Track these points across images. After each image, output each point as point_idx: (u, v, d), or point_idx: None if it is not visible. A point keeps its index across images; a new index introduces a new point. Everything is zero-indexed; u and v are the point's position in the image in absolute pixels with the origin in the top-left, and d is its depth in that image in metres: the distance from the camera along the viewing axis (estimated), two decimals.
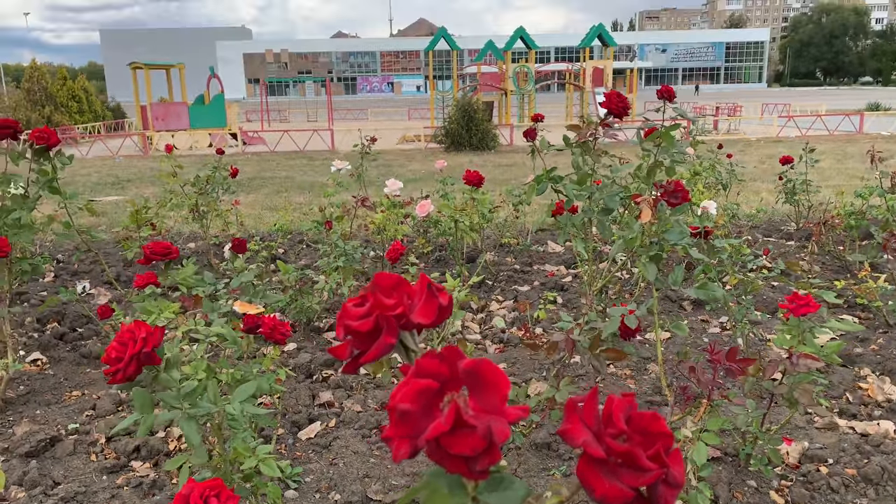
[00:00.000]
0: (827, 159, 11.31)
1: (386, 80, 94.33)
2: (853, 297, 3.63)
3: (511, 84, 26.41)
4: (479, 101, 16.11)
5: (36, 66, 22.21)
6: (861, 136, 16.63)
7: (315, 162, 13.06)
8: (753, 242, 4.94)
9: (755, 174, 9.61)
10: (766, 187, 8.15)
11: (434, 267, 4.68)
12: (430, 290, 0.54)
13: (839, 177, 9.04)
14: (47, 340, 3.38)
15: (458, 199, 4.33)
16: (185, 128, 18.67)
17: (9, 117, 13.26)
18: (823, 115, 19.53)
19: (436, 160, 13.58)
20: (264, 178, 10.39)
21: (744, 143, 15.54)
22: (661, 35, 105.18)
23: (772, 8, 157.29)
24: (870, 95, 51.63)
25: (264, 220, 6.42)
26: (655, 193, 2.14)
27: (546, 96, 44.00)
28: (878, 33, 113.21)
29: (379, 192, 7.22)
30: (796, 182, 5.00)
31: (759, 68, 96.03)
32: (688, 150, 4.24)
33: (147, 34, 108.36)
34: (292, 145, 16.91)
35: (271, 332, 1.84)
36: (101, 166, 12.96)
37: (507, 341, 3.37)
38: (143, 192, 8.92)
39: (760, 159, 11.57)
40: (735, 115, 21.03)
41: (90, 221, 6.26)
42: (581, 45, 27.14)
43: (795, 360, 1.70)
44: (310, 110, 37.70)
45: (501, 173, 11.00)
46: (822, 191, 7.72)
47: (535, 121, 4.84)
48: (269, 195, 8.42)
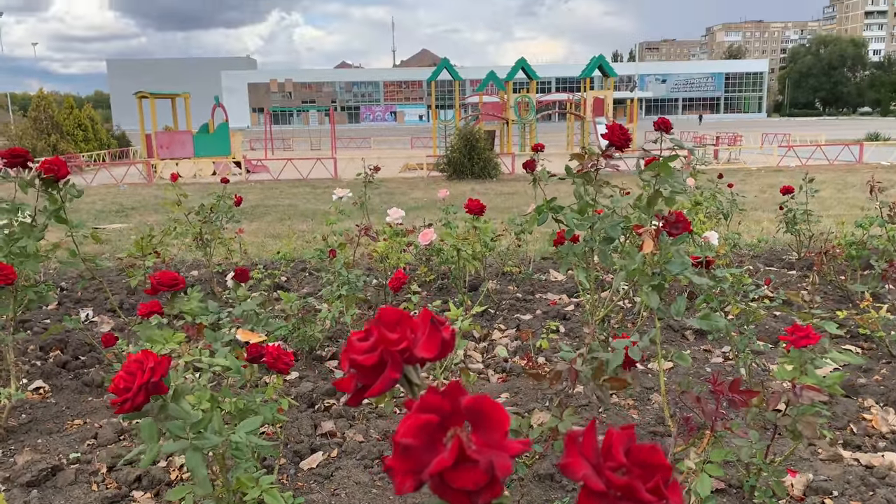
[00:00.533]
0: (828, 189, 11.36)
1: (389, 110, 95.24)
2: (856, 327, 3.63)
3: (512, 113, 26.67)
4: (480, 131, 16.26)
5: (43, 95, 22.49)
6: (861, 165, 16.72)
7: (318, 190, 13.14)
8: (755, 272, 4.95)
9: (756, 203, 9.65)
10: (768, 216, 8.18)
11: (436, 295, 4.69)
12: (433, 325, 0.55)
13: (840, 206, 9.07)
14: (50, 368, 3.38)
15: (460, 228, 4.36)
16: (190, 156, 18.82)
17: (15, 145, 13.38)
18: (823, 144, 19.66)
19: (438, 188, 13.69)
20: (267, 205, 10.45)
21: (744, 172, 15.63)
22: (660, 66, 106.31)
23: (770, 40, 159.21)
24: (869, 125, 51.95)
25: (267, 247, 6.45)
26: (656, 224, 2.16)
27: (547, 126, 44.36)
28: (875, 64, 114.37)
29: (381, 220, 7.26)
30: (797, 212, 5.03)
31: (758, 98, 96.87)
32: (688, 181, 4.27)
33: (153, 64, 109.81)
34: (296, 173, 17.02)
35: (275, 362, 1.85)
36: (105, 194, 13.04)
37: (510, 370, 3.37)
38: (147, 219, 8.97)
39: (761, 188, 11.63)
40: (735, 144, 21.17)
41: (94, 249, 6.29)
42: (582, 75, 27.45)
43: (798, 391, 1.71)
44: (313, 139, 38.00)
45: (503, 201, 11.06)
46: (823, 220, 7.76)
47: (536, 151, 4.89)
48: (273, 223, 8.46)
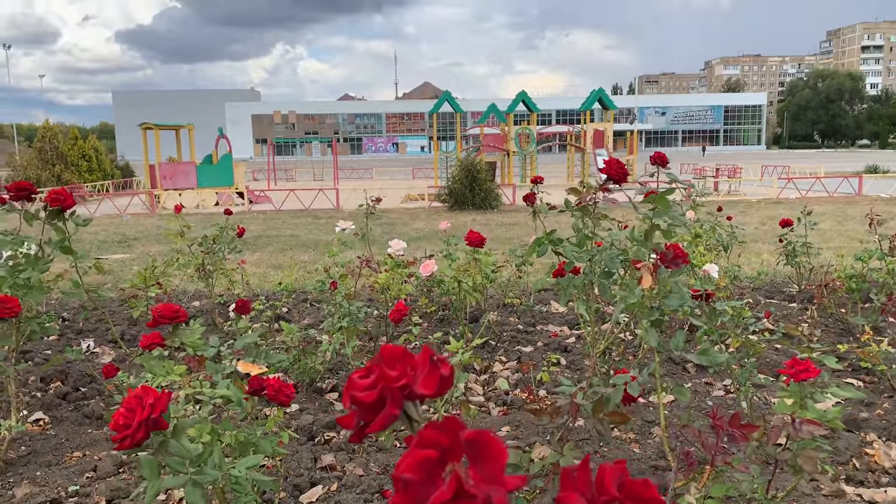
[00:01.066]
0: (828, 221, 11.40)
1: (391, 141, 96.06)
2: (857, 360, 3.62)
3: (513, 145, 26.90)
4: (482, 162, 16.39)
5: (48, 126, 22.74)
6: (861, 197, 16.80)
7: (320, 220, 13.21)
8: (755, 304, 4.96)
9: (756, 235, 9.68)
10: (768, 248, 8.20)
11: (437, 327, 4.69)
12: (433, 362, 0.57)
13: (840, 238, 9.10)
14: (50, 400, 3.37)
15: (461, 259, 4.38)
16: (193, 186, 18.95)
17: (20, 176, 13.57)
18: (823, 177, 19.78)
19: (439, 219, 13.73)
20: (270, 236, 10.49)
21: (744, 204, 15.71)
22: (660, 98, 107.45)
23: (768, 73, 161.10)
24: (867, 158, 52.26)
25: (269, 278, 6.47)
26: (654, 258, 2.18)
27: (548, 157, 44.71)
28: (873, 98, 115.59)
29: (383, 251, 7.29)
30: (796, 244, 5.05)
31: (757, 131, 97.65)
32: (688, 214, 4.30)
33: (158, 95, 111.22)
34: (298, 204, 17.13)
35: (276, 395, 1.86)
36: (108, 224, 13.11)
37: (511, 403, 3.36)
38: (150, 249, 9.00)
39: (761, 220, 11.68)
40: (735, 176, 21.31)
41: (96, 279, 6.31)
42: (582, 108, 27.73)
43: (798, 425, 1.70)
44: (316, 170, 38.28)
45: (504, 232, 11.10)
46: (823, 252, 7.77)
47: (535, 183, 4.94)
48: (274, 253, 8.50)
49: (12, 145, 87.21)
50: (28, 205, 2.78)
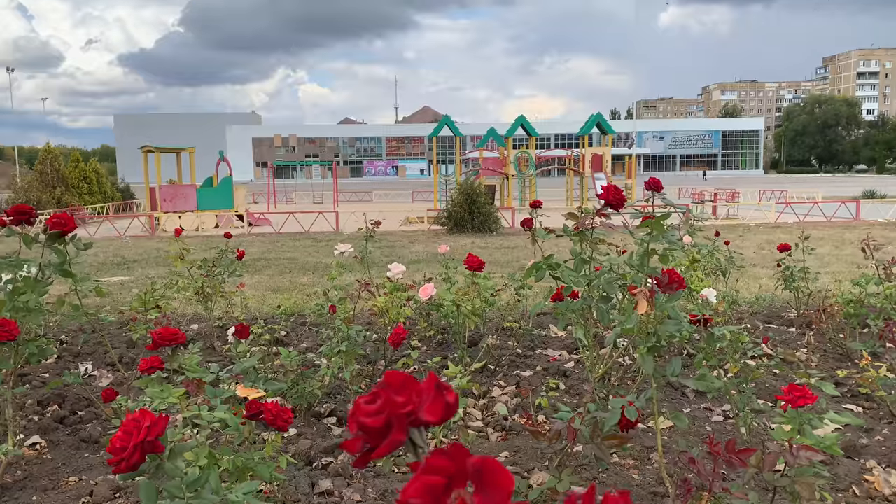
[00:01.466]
0: (826, 245, 11.44)
1: (391, 164, 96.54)
2: (856, 386, 3.62)
3: (512, 169, 27.04)
4: (481, 185, 16.47)
5: (50, 149, 22.85)
6: (858, 222, 16.87)
7: (320, 243, 13.23)
8: (754, 330, 4.96)
9: (755, 259, 9.71)
10: (766, 273, 8.22)
11: (436, 350, 4.68)
12: (438, 389, 0.58)
13: (838, 263, 9.13)
14: (47, 424, 3.36)
15: (460, 282, 4.39)
16: (193, 209, 19.01)
17: (20, 198, 13.61)
18: (820, 201, 19.87)
19: (438, 242, 13.74)
20: (269, 259, 10.50)
21: (743, 228, 15.76)
22: (658, 123, 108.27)
23: (765, 99, 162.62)
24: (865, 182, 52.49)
25: (268, 301, 6.47)
26: (650, 284, 2.19)
27: (547, 181, 44.92)
28: (869, 123, 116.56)
29: (382, 274, 7.29)
30: (794, 269, 5.07)
31: (755, 155, 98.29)
32: (685, 239, 4.33)
33: (159, 118, 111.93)
34: (297, 227, 17.17)
35: (274, 419, 1.86)
36: (107, 247, 13.11)
37: (510, 429, 3.35)
38: (149, 272, 9.01)
39: (759, 245, 11.71)
40: (733, 200, 21.41)
41: (95, 302, 6.30)
42: (580, 132, 27.94)
43: (795, 451, 1.71)
44: (316, 193, 38.41)
45: (503, 255, 11.13)
46: (821, 277, 7.79)
47: (534, 207, 4.97)
48: (274, 276, 8.50)
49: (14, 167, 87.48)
50: (28, 228, 2.80)
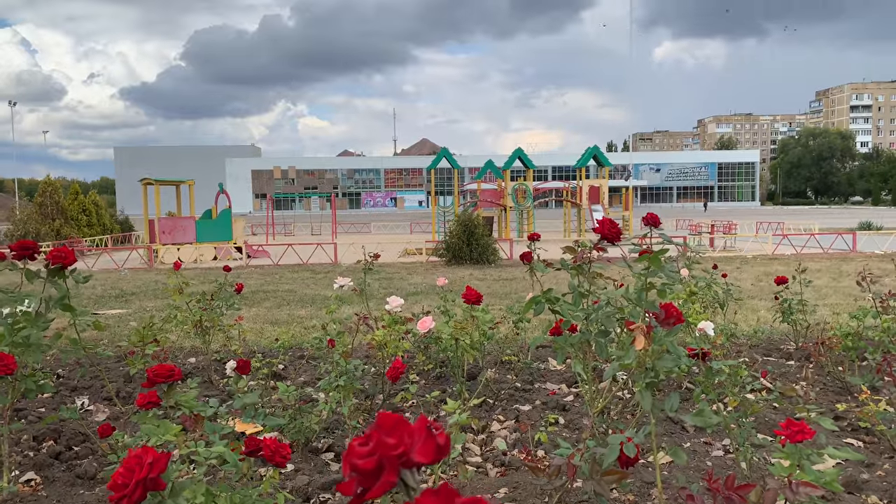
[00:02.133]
0: (823, 277, 11.46)
1: (389, 196, 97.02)
2: (856, 419, 3.60)
3: (510, 200, 27.19)
4: (479, 217, 16.53)
5: (49, 182, 22.98)
6: (856, 254, 16.92)
7: (318, 275, 13.23)
8: (753, 363, 4.94)
9: (752, 292, 9.71)
10: (764, 305, 8.22)
11: (434, 384, 4.67)
12: (429, 431, 0.59)
13: (836, 295, 9.13)
14: (42, 459, 3.33)
15: (458, 315, 4.39)
16: (192, 241, 19.05)
17: (19, 230, 13.63)
18: (817, 233, 19.95)
19: (437, 274, 13.71)
20: (267, 291, 10.50)
21: (740, 260, 15.79)
22: (655, 155, 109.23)
23: (759, 131, 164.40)
24: (861, 214, 52.70)
25: (266, 334, 6.45)
26: (648, 319, 2.20)
27: (544, 212, 45.11)
28: (864, 155, 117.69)
29: (380, 305, 7.28)
30: (792, 302, 5.08)
31: (751, 187, 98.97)
32: (682, 272, 4.34)
33: (159, 151, 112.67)
34: (296, 258, 17.19)
35: (272, 455, 1.85)
36: (105, 279, 13.10)
37: (509, 464, 3.32)
38: (147, 304, 8.99)
39: (757, 277, 11.73)
40: (730, 232, 21.49)
41: (93, 335, 6.29)
42: (577, 164, 28.16)
43: (795, 487, 1.70)
44: (314, 224, 38.54)
45: (502, 287, 11.12)
46: (819, 309, 7.79)
47: (532, 240, 4.98)
48: (272, 309, 8.49)
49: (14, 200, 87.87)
50: (30, 263, 2.81)
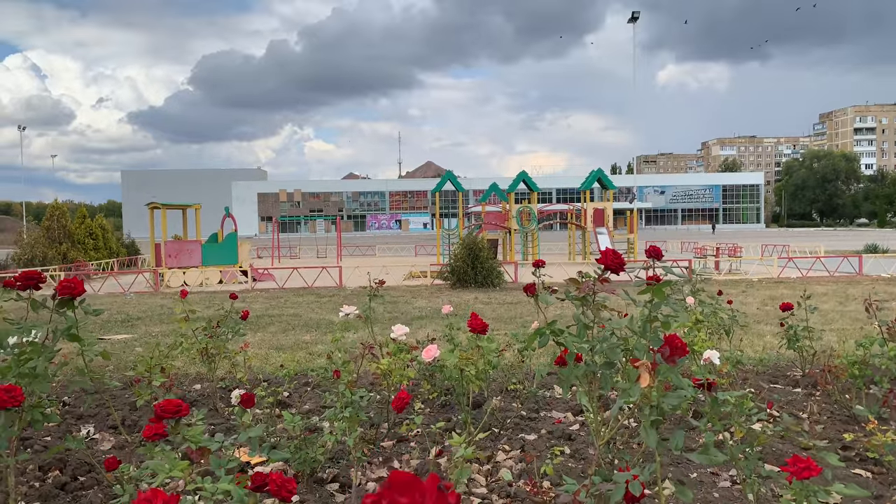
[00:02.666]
0: (829, 301, 11.41)
1: (394, 218, 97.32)
2: (864, 450, 3.58)
3: (515, 223, 27.24)
4: (483, 240, 16.56)
5: (57, 205, 23.13)
6: (862, 277, 16.86)
7: (323, 299, 13.24)
8: (759, 391, 4.92)
9: (758, 316, 9.68)
10: (770, 329, 8.18)
11: (439, 412, 4.65)
12: (441, 492, 0.61)
13: (843, 320, 9.09)
14: (48, 490, 3.32)
15: (463, 342, 4.39)
16: (197, 265, 19.12)
17: (26, 254, 13.73)
18: (823, 256, 19.89)
19: (441, 297, 13.65)
20: (272, 315, 10.51)
21: (746, 283, 15.75)
22: (659, 178, 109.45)
23: (763, 154, 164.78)
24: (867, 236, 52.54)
25: (271, 360, 6.45)
26: (653, 353, 2.21)
27: (549, 234, 45.10)
28: (869, 178, 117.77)
29: (385, 331, 7.28)
30: (798, 328, 5.06)
31: (756, 209, 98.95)
32: (688, 300, 4.34)
33: (166, 175, 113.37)
34: (301, 282, 17.22)
35: (279, 490, 1.85)
36: (111, 303, 13.14)
37: (515, 495, 3.30)
38: (153, 329, 9.01)
39: (763, 301, 11.69)
40: (735, 255, 21.45)
41: (99, 363, 6.30)
42: (581, 187, 28.24)
43: None
44: (319, 247, 38.65)
45: (507, 311, 11.10)
46: (825, 335, 7.75)
47: (536, 267, 4.97)
48: (277, 333, 8.50)
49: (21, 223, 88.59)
50: (35, 293, 2.84)
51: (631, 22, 41.74)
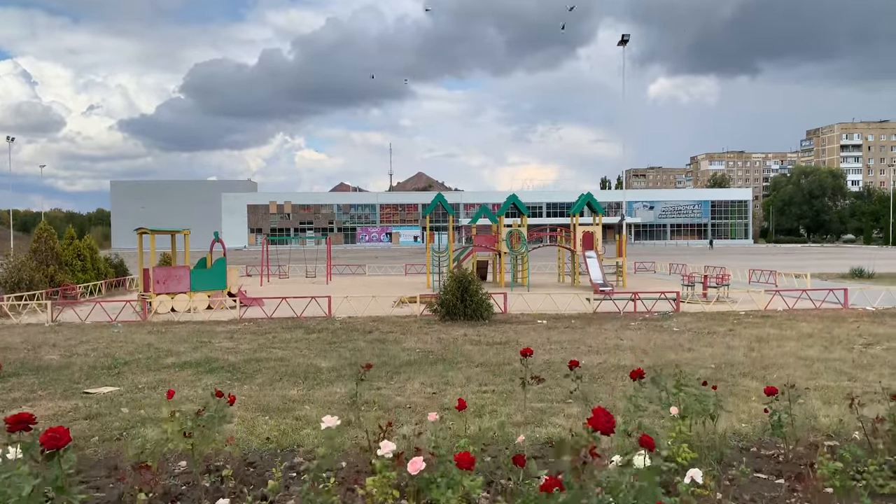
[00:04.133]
0: (815, 346, 11.50)
1: (384, 231, 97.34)
2: None
3: (504, 246, 27.33)
4: (472, 274, 16.57)
5: (45, 227, 22.99)
6: (847, 311, 17.01)
7: (311, 336, 13.20)
8: (739, 490, 4.91)
9: (745, 366, 9.74)
10: (756, 387, 8.21)
11: None
12: None
13: (827, 373, 9.16)
14: None
15: (452, 427, 4.39)
16: (186, 290, 19.05)
17: (13, 277, 13.73)
18: (809, 289, 20.06)
19: (431, 333, 13.57)
20: (260, 360, 10.48)
21: (733, 318, 15.85)
22: (648, 193, 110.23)
23: (752, 169, 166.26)
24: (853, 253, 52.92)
25: (258, 430, 6.41)
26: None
27: (539, 252, 45.16)
28: (855, 194, 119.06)
29: (369, 412, 7.27)
30: (781, 415, 5.11)
31: (744, 225, 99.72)
32: (672, 410, 4.38)
33: (155, 186, 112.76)
34: (290, 311, 17.18)
35: None
36: (98, 339, 13.07)
37: None
38: (140, 379, 8.97)
39: (749, 344, 11.75)
40: (723, 282, 21.62)
41: (82, 429, 6.26)
42: (572, 211, 28.40)
43: None
44: (309, 265, 38.55)
45: (496, 354, 11.09)
46: (810, 394, 7.82)
47: (524, 356, 5.00)
48: (264, 386, 8.47)
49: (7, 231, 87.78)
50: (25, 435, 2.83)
51: (621, 45, 42.13)
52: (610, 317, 16.55)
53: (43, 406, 7.42)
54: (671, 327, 14.39)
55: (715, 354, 10.78)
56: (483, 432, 5.82)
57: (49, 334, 13.91)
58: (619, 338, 12.78)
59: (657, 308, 17.89)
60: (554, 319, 15.97)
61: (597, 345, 11.96)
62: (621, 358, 10.49)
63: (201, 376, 9.16)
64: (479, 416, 6.77)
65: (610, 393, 7.94)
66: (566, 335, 13.20)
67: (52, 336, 13.59)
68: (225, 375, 9.18)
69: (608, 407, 6.39)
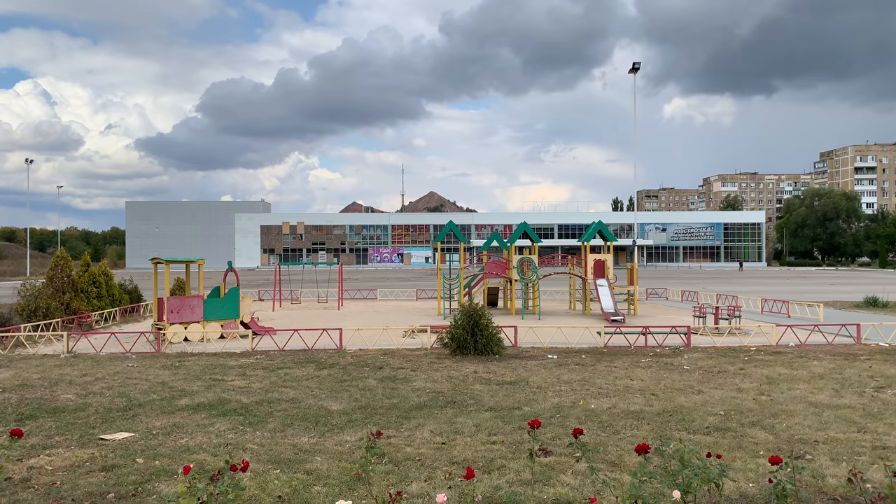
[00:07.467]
0: (825, 389, 11.45)
1: (396, 252, 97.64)
2: None
3: (515, 274, 27.40)
4: (483, 308, 16.65)
5: (62, 255, 23.34)
6: (859, 347, 16.92)
7: (322, 372, 13.31)
8: None
9: (754, 413, 9.73)
10: (765, 440, 8.23)
11: None
12: None
13: (837, 424, 9.14)
14: None
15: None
16: (199, 320, 19.27)
17: (30, 305, 14.18)
18: (822, 324, 19.95)
19: (442, 369, 13.59)
20: (271, 401, 10.60)
21: (744, 354, 15.80)
22: (661, 215, 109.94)
23: (765, 191, 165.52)
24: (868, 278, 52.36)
25: (269, 486, 6.52)
26: None
27: (550, 280, 45.13)
28: (869, 216, 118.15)
29: (385, 464, 7.34)
30: (786, 485, 5.15)
31: (757, 248, 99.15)
32: (674, 494, 4.45)
33: (169, 206, 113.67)
34: (301, 343, 17.32)
35: None
36: (113, 375, 13.25)
37: None
38: (154, 423, 9.10)
39: (759, 387, 11.73)
40: (734, 314, 21.58)
41: (97, 481, 6.39)
42: (582, 239, 28.45)
43: None
44: (321, 290, 38.78)
45: (506, 396, 11.13)
46: (818, 448, 7.81)
47: (533, 428, 5.04)
48: (275, 433, 8.57)
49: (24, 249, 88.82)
50: None
51: (632, 72, 42.34)
52: (621, 352, 16.55)
53: (60, 455, 7.56)
54: (682, 365, 14.38)
55: (724, 398, 10.77)
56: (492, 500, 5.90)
57: (65, 368, 14.12)
58: (629, 377, 12.79)
59: (668, 342, 17.87)
60: (564, 354, 16.00)
61: (606, 385, 11.98)
62: (631, 402, 10.50)
63: (214, 420, 9.29)
64: (488, 473, 6.85)
65: (617, 445, 7.98)
66: (576, 374, 13.23)
67: (67, 371, 13.79)
68: (237, 420, 9.30)
69: (614, 461, 6.45)
